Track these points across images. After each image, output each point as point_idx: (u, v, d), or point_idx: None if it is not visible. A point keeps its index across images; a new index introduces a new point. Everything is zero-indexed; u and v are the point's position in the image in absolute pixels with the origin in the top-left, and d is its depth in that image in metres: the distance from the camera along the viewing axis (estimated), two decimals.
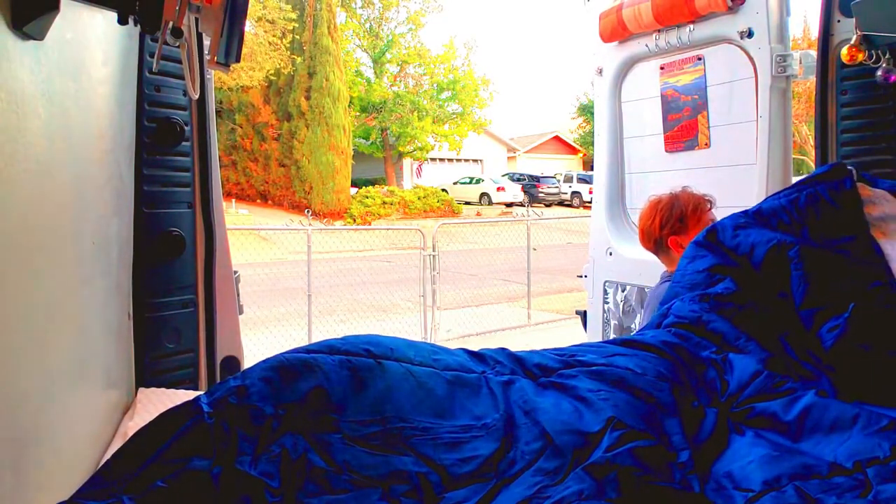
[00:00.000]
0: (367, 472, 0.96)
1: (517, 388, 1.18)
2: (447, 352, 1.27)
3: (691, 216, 2.16)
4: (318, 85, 20.81)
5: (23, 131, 1.04)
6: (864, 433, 1.11)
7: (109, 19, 1.33)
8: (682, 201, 2.19)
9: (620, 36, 3.11)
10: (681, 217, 2.16)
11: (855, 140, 2.26)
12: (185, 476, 0.92)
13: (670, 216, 2.17)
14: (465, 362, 1.23)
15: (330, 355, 1.12)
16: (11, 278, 1.01)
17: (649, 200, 2.28)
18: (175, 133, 1.87)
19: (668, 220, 2.17)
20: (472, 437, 1.06)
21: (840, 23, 2.24)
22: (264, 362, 1.10)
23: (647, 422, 1.12)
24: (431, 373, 1.15)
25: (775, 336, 1.41)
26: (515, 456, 1.04)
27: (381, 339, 1.21)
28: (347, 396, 1.06)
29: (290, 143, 21.15)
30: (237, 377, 1.07)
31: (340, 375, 1.08)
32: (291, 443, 0.98)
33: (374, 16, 27.65)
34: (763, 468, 1.06)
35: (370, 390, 1.08)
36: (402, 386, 1.10)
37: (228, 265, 2.17)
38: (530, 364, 1.28)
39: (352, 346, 1.16)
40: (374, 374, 1.10)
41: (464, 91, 27.52)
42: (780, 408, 1.24)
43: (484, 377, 1.20)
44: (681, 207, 2.17)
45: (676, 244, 2.16)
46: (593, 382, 1.21)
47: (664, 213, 2.18)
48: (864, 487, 1.00)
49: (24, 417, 1.05)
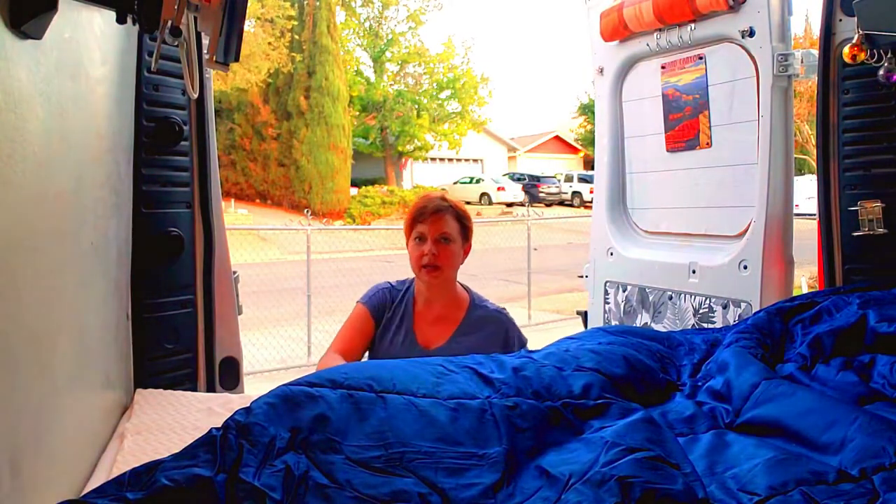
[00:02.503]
0: (368, 491, 0.98)
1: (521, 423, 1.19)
2: (450, 379, 1.28)
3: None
4: (317, 84, 20.80)
5: (21, 131, 1.03)
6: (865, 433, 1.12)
7: (108, 18, 1.32)
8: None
9: (621, 35, 3.11)
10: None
11: (856, 139, 2.25)
12: (189, 478, 0.94)
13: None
14: (468, 388, 1.25)
15: (333, 389, 1.15)
16: (10, 278, 1.01)
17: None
18: (174, 133, 1.86)
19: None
20: (472, 465, 1.08)
21: (842, 22, 2.23)
22: (267, 394, 1.13)
23: (651, 441, 1.13)
24: (433, 402, 1.17)
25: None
26: (515, 491, 1.06)
27: (382, 374, 1.23)
28: (350, 424, 1.09)
29: (290, 142, 21.14)
30: (240, 410, 1.10)
31: (343, 406, 1.11)
32: (294, 461, 1.00)
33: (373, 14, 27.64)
34: (769, 473, 1.06)
35: (372, 420, 1.11)
36: (405, 416, 1.13)
37: (227, 265, 2.16)
38: (537, 385, 1.29)
39: (354, 380, 1.18)
40: (375, 406, 1.13)
41: (463, 89, 27.52)
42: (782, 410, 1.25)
43: (488, 402, 1.21)
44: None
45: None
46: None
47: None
48: (872, 495, 0.99)
49: (22, 418, 1.05)
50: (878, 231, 2.16)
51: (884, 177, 2.18)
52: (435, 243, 2.05)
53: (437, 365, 1.35)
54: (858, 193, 2.22)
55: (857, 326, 1.64)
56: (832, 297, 1.80)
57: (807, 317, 1.73)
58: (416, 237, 2.09)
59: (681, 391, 1.50)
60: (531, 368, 1.38)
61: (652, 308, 3.05)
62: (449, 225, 2.08)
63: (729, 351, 1.53)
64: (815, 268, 2.61)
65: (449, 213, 2.09)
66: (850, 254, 2.26)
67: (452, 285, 2.14)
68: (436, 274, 2.05)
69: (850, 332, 1.63)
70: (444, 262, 2.06)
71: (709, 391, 1.44)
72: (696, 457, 1.16)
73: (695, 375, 1.57)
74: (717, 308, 2.73)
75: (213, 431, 1.03)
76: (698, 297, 2.82)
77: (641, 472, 1.01)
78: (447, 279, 2.10)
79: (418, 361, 1.37)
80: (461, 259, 2.15)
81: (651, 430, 1.17)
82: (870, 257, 2.22)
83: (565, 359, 1.45)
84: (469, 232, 2.16)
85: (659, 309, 3.01)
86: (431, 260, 2.04)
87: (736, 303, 2.64)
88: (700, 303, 2.81)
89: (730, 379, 1.41)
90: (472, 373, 1.32)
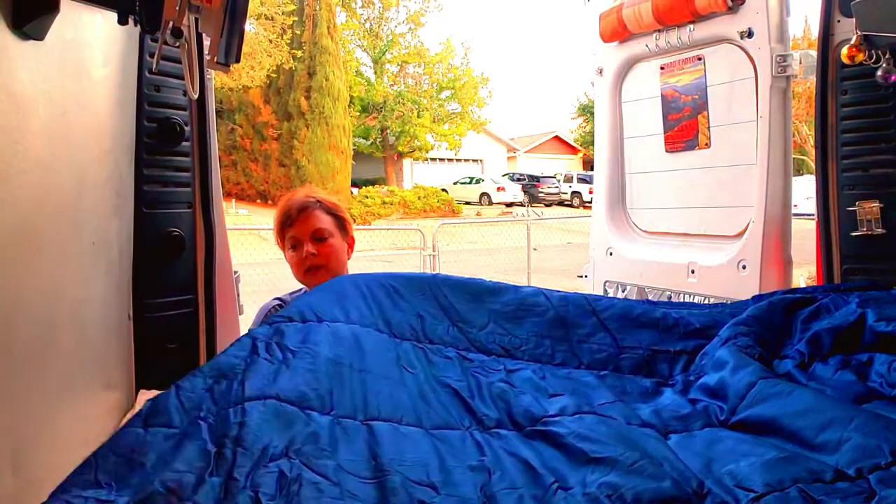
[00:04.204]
0: (360, 491, 1.00)
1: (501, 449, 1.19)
2: (434, 408, 1.27)
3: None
4: (318, 85, 20.81)
5: (23, 131, 1.04)
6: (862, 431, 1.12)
7: (109, 19, 1.33)
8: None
9: (620, 36, 3.11)
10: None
11: (855, 140, 2.25)
12: (182, 479, 0.95)
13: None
14: (450, 418, 1.25)
15: (322, 414, 1.15)
16: (11, 278, 1.01)
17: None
18: (175, 133, 1.87)
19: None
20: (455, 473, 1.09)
21: (840, 23, 2.23)
22: (262, 405, 1.13)
23: (632, 447, 1.13)
24: (417, 430, 1.18)
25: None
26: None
27: (369, 400, 1.22)
28: (338, 443, 1.10)
29: (290, 143, 21.15)
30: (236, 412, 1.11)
31: (332, 430, 1.13)
32: (288, 466, 1.01)
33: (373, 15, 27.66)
34: (766, 470, 1.07)
35: (358, 443, 1.12)
36: (391, 439, 1.14)
37: (228, 265, 2.17)
38: (518, 411, 1.28)
39: (342, 407, 1.19)
40: (361, 432, 1.15)
41: (463, 89, 27.53)
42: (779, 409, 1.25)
43: (469, 433, 1.22)
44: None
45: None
46: (576, 423, 1.23)
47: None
48: (868, 493, 1.00)
49: (24, 418, 1.05)
50: (877, 231, 2.17)
51: (882, 177, 2.19)
52: (311, 243, 1.94)
53: (416, 384, 1.34)
54: (857, 193, 2.23)
55: (855, 325, 1.64)
56: (832, 295, 1.80)
57: (806, 313, 1.73)
58: (291, 245, 1.98)
59: (671, 388, 1.50)
60: (515, 392, 1.36)
61: None
62: (321, 220, 1.97)
63: (725, 349, 1.53)
64: (814, 268, 2.62)
65: (318, 209, 1.98)
66: (848, 254, 2.27)
67: None
68: (321, 274, 1.94)
69: (849, 331, 1.63)
70: (326, 259, 1.95)
71: (702, 388, 1.44)
72: (691, 454, 1.16)
73: (687, 370, 1.57)
74: None
75: (209, 447, 1.02)
76: (697, 296, 2.83)
77: (627, 479, 1.03)
78: (335, 277, 1.97)
79: (397, 379, 1.34)
80: (347, 253, 2.03)
81: (621, 432, 1.19)
82: (868, 257, 2.22)
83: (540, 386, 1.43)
84: (346, 223, 2.03)
85: None
86: (312, 261, 1.94)
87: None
88: (699, 302, 2.82)
89: (725, 377, 1.41)
90: (457, 401, 1.32)
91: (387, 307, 1.57)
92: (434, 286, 1.68)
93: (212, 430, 1.05)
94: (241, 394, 1.14)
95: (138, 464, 0.97)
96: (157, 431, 1.03)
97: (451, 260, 10.03)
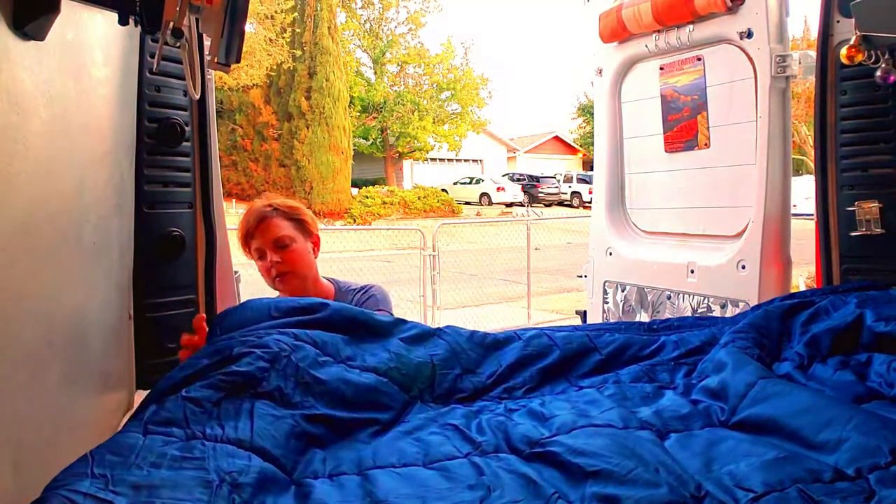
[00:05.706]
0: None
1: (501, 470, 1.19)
2: (432, 444, 1.25)
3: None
4: (318, 85, 20.82)
5: (23, 132, 1.04)
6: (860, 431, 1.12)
7: (110, 20, 1.33)
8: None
9: (620, 36, 3.12)
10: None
11: (854, 140, 2.26)
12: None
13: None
14: (450, 450, 1.23)
15: (319, 479, 1.14)
16: (12, 279, 1.01)
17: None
18: (175, 133, 1.87)
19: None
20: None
21: (839, 23, 2.24)
22: None
23: (627, 456, 1.13)
24: (415, 469, 1.18)
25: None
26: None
27: (363, 453, 1.21)
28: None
29: (291, 143, 21.15)
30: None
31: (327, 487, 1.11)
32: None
33: (373, 16, 27.69)
34: (765, 470, 1.07)
35: (351, 486, 1.10)
36: (390, 480, 1.13)
37: (229, 265, 2.17)
38: (516, 438, 1.27)
39: (339, 461, 1.18)
40: (355, 479, 1.13)
41: (463, 90, 27.54)
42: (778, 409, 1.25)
43: (467, 459, 1.21)
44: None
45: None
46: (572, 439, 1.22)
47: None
48: (868, 493, 1.00)
49: (24, 418, 1.05)
50: (876, 231, 2.17)
51: (881, 177, 2.19)
52: (274, 252, 2.01)
53: (419, 427, 1.33)
54: (856, 194, 2.23)
55: (854, 325, 1.64)
56: (830, 297, 1.81)
57: (804, 316, 1.73)
58: (257, 256, 2.05)
59: (673, 390, 1.50)
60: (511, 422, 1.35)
61: (651, 308, 3.06)
62: (280, 228, 2.03)
63: (725, 351, 1.53)
64: (813, 268, 2.62)
65: (276, 217, 2.04)
66: (847, 254, 2.27)
67: (314, 284, 2.10)
68: (289, 279, 2.01)
69: (848, 332, 1.63)
70: (292, 265, 2.02)
71: (704, 390, 1.44)
72: (690, 454, 1.16)
73: (689, 375, 1.58)
74: (715, 308, 2.74)
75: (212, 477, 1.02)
76: (696, 296, 2.83)
77: (623, 489, 1.03)
78: (304, 279, 2.05)
79: (403, 436, 1.31)
80: (313, 254, 2.09)
81: (616, 441, 1.18)
82: (867, 257, 2.22)
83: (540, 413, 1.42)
84: (306, 224, 2.08)
85: (657, 308, 3.02)
86: (278, 269, 2.00)
87: (734, 302, 2.65)
88: (698, 302, 2.82)
89: (725, 378, 1.41)
90: (454, 432, 1.31)
91: None
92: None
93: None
94: None
95: (134, 464, 0.97)
96: (156, 438, 1.05)
97: (452, 260, 10.03)
